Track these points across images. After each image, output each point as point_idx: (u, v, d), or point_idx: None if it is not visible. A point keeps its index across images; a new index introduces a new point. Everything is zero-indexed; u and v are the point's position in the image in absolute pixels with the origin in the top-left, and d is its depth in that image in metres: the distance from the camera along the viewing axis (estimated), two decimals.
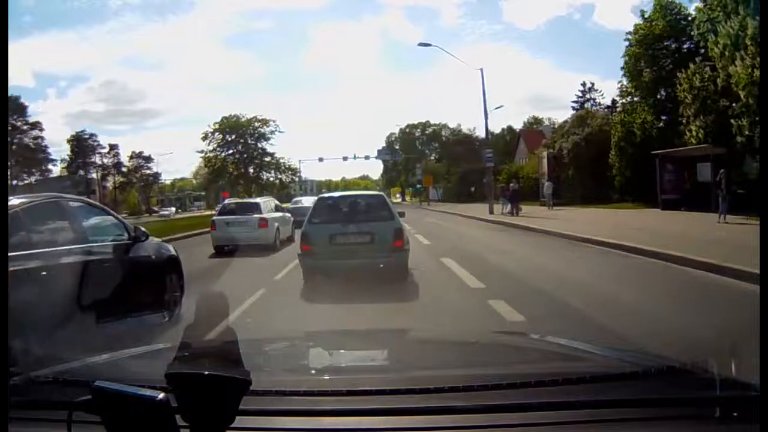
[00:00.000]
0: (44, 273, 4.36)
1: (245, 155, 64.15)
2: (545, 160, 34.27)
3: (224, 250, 14.08)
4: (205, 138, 63.60)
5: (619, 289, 7.75)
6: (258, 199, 17.01)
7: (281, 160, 65.68)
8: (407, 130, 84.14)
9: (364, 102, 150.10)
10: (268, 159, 65.13)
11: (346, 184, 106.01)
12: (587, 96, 56.90)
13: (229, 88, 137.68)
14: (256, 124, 64.04)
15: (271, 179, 65.64)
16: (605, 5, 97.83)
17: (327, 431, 1.21)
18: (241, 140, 63.86)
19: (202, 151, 64.06)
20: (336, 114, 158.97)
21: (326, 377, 1.67)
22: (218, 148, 64.07)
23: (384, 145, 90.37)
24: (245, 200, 17.81)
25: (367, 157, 61.61)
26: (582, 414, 1.19)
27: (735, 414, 1.16)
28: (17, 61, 79.12)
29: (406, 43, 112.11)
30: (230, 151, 64.27)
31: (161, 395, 0.93)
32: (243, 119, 63.54)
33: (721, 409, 1.18)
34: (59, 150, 69.35)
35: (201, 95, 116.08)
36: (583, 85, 59.25)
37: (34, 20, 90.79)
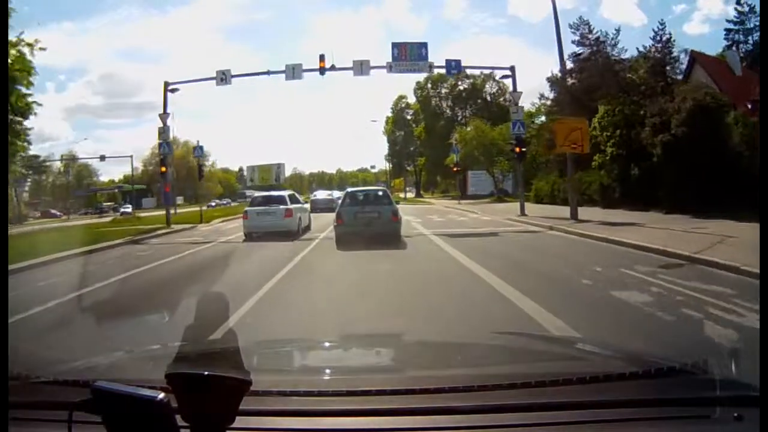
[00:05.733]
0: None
1: None
2: None
3: (253, 237, 16.28)
4: None
5: None
6: (283, 192, 19.53)
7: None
8: (427, 85, 56.35)
9: (363, 95, 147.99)
10: None
11: (341, 177, 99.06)
12: (744, 19, 34.43)
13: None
14: None
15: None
16: None
17: (327, 431, 1.21)
18: None
19: None
20: (333, 107, 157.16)
21: (326, 377, 1.67)
22: None
23: (390, 114, 63.79)
24: (272, 193, 20.04)
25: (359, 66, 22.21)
26: (582, 414, 1.19)
27: (735, 414, 1.16)
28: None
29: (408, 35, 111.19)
30: None
31: (161, 395, 0.92)
32: None
33: (721, 409, 1.18)
34: (55, 144, 59.83)
35: (200, 87, 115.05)
36: (739, 3, 34.79)
37: (32, 13, 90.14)
